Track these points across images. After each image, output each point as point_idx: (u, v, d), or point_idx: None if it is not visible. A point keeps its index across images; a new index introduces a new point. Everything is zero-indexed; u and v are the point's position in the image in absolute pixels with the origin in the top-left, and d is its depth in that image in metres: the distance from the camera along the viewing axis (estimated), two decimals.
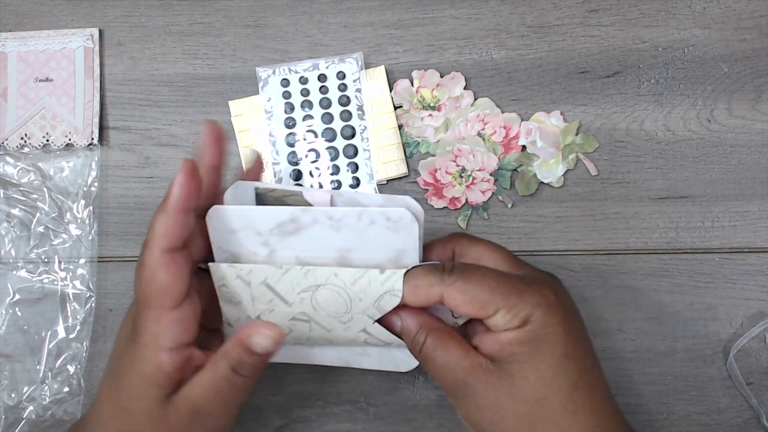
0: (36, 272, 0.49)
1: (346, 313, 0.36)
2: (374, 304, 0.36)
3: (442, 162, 0.48)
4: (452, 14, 0.50)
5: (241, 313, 0.38)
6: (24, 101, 0.50)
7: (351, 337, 0.38)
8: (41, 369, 0.48)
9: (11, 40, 0.50)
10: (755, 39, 0.49)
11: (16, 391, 0.48)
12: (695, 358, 0.47)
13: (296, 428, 0.48)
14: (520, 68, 0.49)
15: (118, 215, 0.49)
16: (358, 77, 0.49)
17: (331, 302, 0.36)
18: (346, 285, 0.36)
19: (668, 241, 0.48)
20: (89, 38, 0.50)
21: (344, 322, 0.37)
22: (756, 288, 0.47)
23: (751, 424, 0.47)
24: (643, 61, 0.49)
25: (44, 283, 0.49)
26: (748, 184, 0.48)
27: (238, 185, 0.38)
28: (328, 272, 0.36)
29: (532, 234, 0.48)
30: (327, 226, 0.35)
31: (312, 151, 0.48)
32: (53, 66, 0.50)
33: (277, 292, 0.37)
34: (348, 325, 0.37)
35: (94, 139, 0.49)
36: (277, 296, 0.37)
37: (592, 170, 0.48)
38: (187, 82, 0.50)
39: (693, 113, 0.48)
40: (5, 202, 0.50)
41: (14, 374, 0.48)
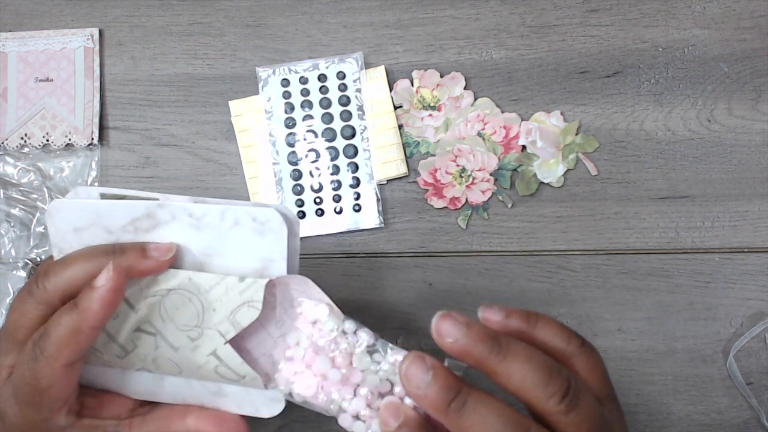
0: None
1: (197, 327, 0.32)
2: (229, 317, 0.32)
3: (442, 162, 0.48)
4: (452, 14, 0.50)
5: None
6: (24, 101, 0.50)
7: (200, 362, 0.33)
8: None
9: (11, 40, 0.50)
10: (755, 39, 0.49)
11: None
12: (695, 358, 0.47)
13: (296, 428, 0.48)
14: (520, 68, 0.49)
15: None
16: (358, 77, 0.49)
17: (182, 311, 0.32)
18: (201, 292, 0.32)
19: (668, 241, 0.48)
20: (89, 38, 0.50)
21: (193, 339, 0.33)
22: (756, 288, 0.47)
23: (751, 424, 0.47)
24: (643, 61, 0.49)
25: None
26: (748, 184, 0.48)
27: (79, 190, 0.34)
28: (182, 275, 0.32)
29: (532, 234, 0.48)
30: (187, 224, 0.32)
31: (312, 151, 0.48)
32: (53, 66, 0.50)
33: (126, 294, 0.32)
34: (197, 343, 0.33)
35: (94, 139, 0.49)
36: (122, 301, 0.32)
37: (592, 170, 0.48)
38: (187, 82, 0.50)
39: (693, 113, 0.48)
40: (5, 202, 0.50)
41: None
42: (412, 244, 0.48)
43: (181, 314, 0.32)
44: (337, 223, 0.48)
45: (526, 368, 0.28)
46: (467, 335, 0.28)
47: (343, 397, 0.32)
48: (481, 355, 0.28)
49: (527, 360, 0.28)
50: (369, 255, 0.49)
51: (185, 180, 0.49)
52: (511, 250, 0.48)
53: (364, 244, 0.49)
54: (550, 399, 0.27)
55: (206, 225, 0.32)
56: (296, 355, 0.33)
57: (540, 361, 0.28)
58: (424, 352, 0.28)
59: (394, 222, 0.49)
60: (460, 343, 0.28)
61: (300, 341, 0.34)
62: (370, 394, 0.32)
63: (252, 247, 0.32)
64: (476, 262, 0.48)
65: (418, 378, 0.28)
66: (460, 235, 0.48)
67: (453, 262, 0.48)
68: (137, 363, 0.34)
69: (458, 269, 0.48)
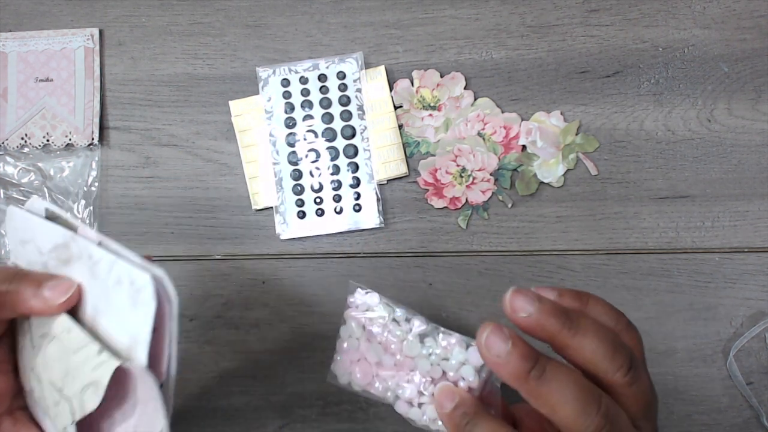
0: None
1: (59, 391, 0.28)
2: (80, 394, 0.27)
3: (442, 162, 0.48)
4: (452, 14, 0.50)
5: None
6: (24, 101, 0.50)
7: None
8: None
9: (11, 40, 0.50)
10: (755, 39, 0.49)
11: None
12: (695, 358, 0.47)
13: (296, 428, 0.48)
14: (520, 68, 0.49)
15: (118, 215, 0.49)
16: (358, 77, 0.49)
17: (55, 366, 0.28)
18: (69, 350, 0.27)
19: (668, 241, 0.48)
20: (89, 38, 0.50)
21: (56, 402, 0.28)
22: (756, 288, 0.47)
23: (751, 424, 0.47)
24: (643, 61, 0.49)
25: None
26: (748, 184, 0.48)
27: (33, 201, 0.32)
28: (65, 324, 0.28)
29: (532, 234, 0.48)
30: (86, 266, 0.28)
31: (312, 150, 0.48)
32: (53, 66, 0.50)
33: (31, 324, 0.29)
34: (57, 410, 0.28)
35: (95, 139, 0.49)
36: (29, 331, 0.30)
37: (592, 170, 0.48)
38: (187, 82, 0.50)
39: (693, 113, 0.48)
40: (5, 202, 0.50)
41: None
42: (412, 244, 0.48)
43: (53, 368, 0.28)
44: (337, 223, 0.48)
45: (595, 342, 0.29)
46: (540, 310, 0.28)
47: (397, 383, 0.33)
48: (553, 328, 0.28)
49: (596, 334, 0.29)
50: (369, 255, 0.49)
51: (185, 180, 0.49)
52: (511, 250, 0.48)
53: (364, 244, 0.49)
54: (617, 372, 0.29)
55: (97, 273, 0.28)
56: (351, 345, 0.34)
57: (607, 336, 0.29)
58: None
59: (394, 222, 0.49)
60: (534, 318, 0.28)
61: (352, 332, 0.34)
62: (423, 380, 0.32)
63: (125, 316, 0.27)
64: (476, 262, 0.48)
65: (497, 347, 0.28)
66: (460, 235, 0.48)
67: (453, 262, 0.48)
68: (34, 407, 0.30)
69: (458, 269, 0.48)
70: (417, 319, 0.33)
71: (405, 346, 0.33)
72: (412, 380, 0.33)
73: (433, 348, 0.32)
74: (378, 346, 0.33)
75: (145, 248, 0.49)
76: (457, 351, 0.32)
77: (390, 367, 0.33)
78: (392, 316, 0.33)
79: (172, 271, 0.49)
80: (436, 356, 0.32)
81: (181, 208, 0.49)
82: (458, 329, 0.34)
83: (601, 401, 0.28)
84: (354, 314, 0.34)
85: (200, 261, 0.49)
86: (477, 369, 0.31)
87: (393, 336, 0.33)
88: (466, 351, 0.32)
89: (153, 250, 0.49)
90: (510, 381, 0.29)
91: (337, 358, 0.34)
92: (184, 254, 0.49)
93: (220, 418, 0.48)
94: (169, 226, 0.49)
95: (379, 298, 0.34)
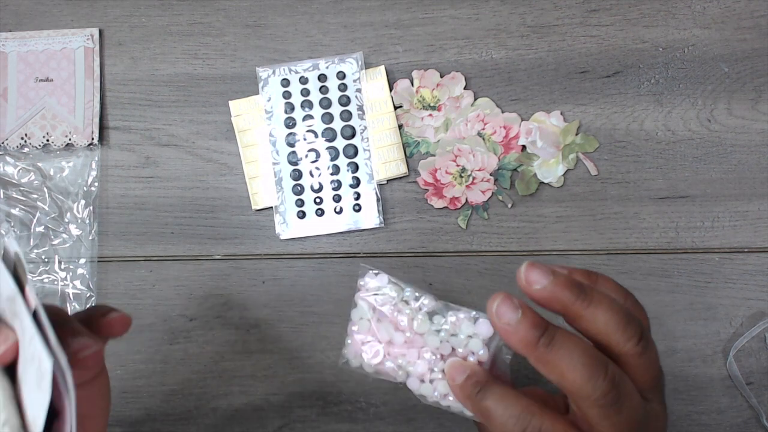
0: (36, 272, 0.49)
1: None
2: None
3: (442, 162, 0.48)
4: (452, 14, 0.50)
5: None
6: (24, 101, 0.50)
7: None
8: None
9: (11, 40, 0.50)
10: (755, 39, 0.49)
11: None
12: (695, 358, 0.47)
13: (296, 428, 0.48)
14: (520, 68, 0.49)
15: (118, 215, 0.49)
16: (358, 77, 0.49)
17: None
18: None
19: (668, 241, 0.48)
20: (89, 38, 0.50)
21: None
22: (756, 288, 0.47)
23: (751, 424, 0.47)
24: (643, 61, 0.49)
25: (44, 283, 0.49)
26: (748, 184, 0.48)
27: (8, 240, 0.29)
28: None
29: (532, 234, 0.48)
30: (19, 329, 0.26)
31: (312, 151, 0.48)
32: (53, 66, 0.50)
33: None
34: None
35: (94, 139, 0.49)
36: None
37: (592, 170, 0.48)
38: (187, 82, 0.50)
39: (693, 113, 0.48)
40: (5, 202, 0.50)
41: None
42: (412, 244, 0.48)
43: None
44: (337, 223, 0.48)
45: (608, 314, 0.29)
46: (554, 282, 0.29)
47: (408, 361, 0.33)
48: (568, 300, 0.29)
49: (609, 306, 0.30)
50: (369, 255, 0.49)
51: (185, 180, 0.49)
52: (511, 250, 0.48)
53: (364, 244, 0.49)
54: (628, 342, 0.29)
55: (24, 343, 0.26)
56: (361, 327, 0.34)
57: (619, 308, 0.30)
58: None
59: (394, 222, 0.49)
60: (548, 290, 0.29)
61: (363, 315, 0.35)
62: (433, 357, 0.33)
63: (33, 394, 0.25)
64: (476, 262, 0.48)
65: (508, 315, 0.29)
66: (460, 235, 0.48)
67: (453, 262, 0.48)
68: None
69: (458, 269, 0.48)
70: (426, 297, 0.34)
71: (415, 324, 0.33)
72: (422, 357, 0.33)
73: (443, 324, 0.33)
74: (389, 325, 0.34)
75: (145, 248, 0.49)
76: (465, 325, 0.32)
77: (400, 345, 0.33)
78: (401, 295, 0.34)
79: (172, 271, 0.49)
80: (446, 332, 0.33)
81: (181, 208, 0.49)
82: None
83: (608, 367, 0.29)
84: (364, 296, 0.35)
85: (200, 261, 0.49)
86: (485, 342, 0.32)
87: (403, 315, 0.34)
88: (474, 324, 0.32)
89: (153, 250, 0.49)
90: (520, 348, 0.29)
91: (347, 342, 0.35)
92: (184, 254, 0.49)
93: (220, 418, 0.48)
94: (169, 226, 0.49)
95: (388, 278, 0.34)
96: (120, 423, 0.49)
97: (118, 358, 0.49)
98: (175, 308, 0.49)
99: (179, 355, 0.49)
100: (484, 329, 0.32)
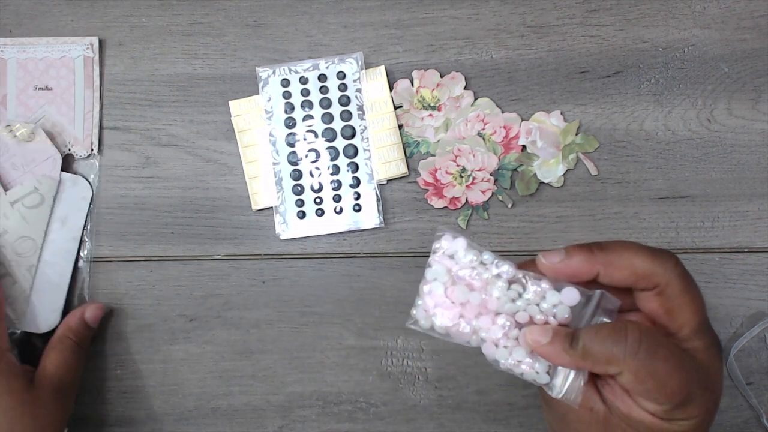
0: None
1: None
2: None
3: (442, 162, 0.48)
4: (452, 14, 0.50)
5: None
6: (24, 109, 0.49)
7: None
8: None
9: (10, 46, 0.50)
10: (755, 39, 0.49)
11: None
12: None
13: (296, 428, 0.48)
14: (520, 68, 0.49)
15: (118, 215, 0.49)
16: (358, 77, 0.49)
17: None
18: None
19: (668, 241, 0.48)
20: (89, 47, 0.50)
21: None
22: (756, 288, 0.47)
23: (751, 424, 0.47)
24: (643, 61, 0.49)
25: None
26: (748, 184, 0.48)
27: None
28: None
29: (532, 234, 0.48)
30: None
31: (312, 151, 0.48)
32: (53, 74, 0.50)
33: None
34: None
35: (94, 150, 0.49)
36: None
37: (592, 170, 0.48)
38: (187, 82, 0.50)
39: (693, 113, 0.48)
40: None
41: None
42: (412, 244, 0.48)
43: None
44: (337, 223, 0.48)
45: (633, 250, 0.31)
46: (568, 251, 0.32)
47: (481, 326, 0.33)
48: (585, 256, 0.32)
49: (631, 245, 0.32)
50: (369, 255, 0.49)
51: (185, 180, 0.49)
52: (511, 250, 0.48)
53: (364, 244, 0.49)
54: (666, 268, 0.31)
55: None
56: (435, 289, 0.34)
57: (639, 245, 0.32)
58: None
59: (394, 222, 0.49)
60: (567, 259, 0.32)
61: (438, 276, 0.34)
62: (509, 323, 0.33)
63: None
64: None
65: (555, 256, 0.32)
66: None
67: None
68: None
69: None
70: (505, 264, 0.33)
71: (493, 289, 0.33)
72: (496, 323, 0.33)
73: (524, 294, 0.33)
74: (464, 287, 0.33)
75: (145, 248, 0.49)
76: (550, 294, 0.32)
77: (475, 308, 0.33)
78: (480, 259, 0.33)
79: (172, 271, 0.49)
80: (525, 301, 0.33)
81: (181, 208, 0.49)
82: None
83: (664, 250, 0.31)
84: (440, 258, 0.34)
85: (200, 261, 0.49)
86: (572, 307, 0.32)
87: (480, 280, 0.33)
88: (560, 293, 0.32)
89: (153, 250, 0.49)
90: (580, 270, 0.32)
91: (418, 303, 0.34)
92: (184, 254, 0.49)
93: (220, 418, 0.48)
94: (169, 226, 0.49)
95: (467, 242, 0.34)
96: (120, 423, 0.49)
97: (118, 358, 0.49)
98: (175, 308, 0.49)
99: (179, 355, 0.49)
100: (569, 296, 0.32)
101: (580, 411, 0.32)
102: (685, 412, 0.30)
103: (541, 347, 0.31)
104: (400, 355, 0.48)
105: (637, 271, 0.31)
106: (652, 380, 0.29)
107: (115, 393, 0.49)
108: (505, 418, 0.48)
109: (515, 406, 0.48)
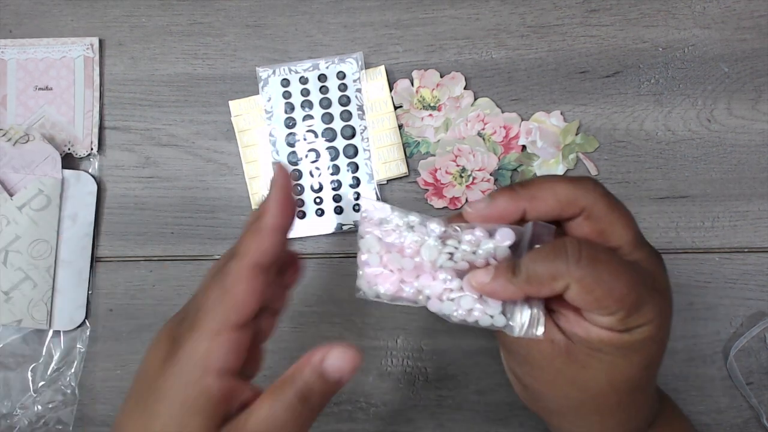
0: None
1: None
2: None
3: (442, 162, 0.48)
4: (452, 14, 0.50)
5: None
6: (23, 109, 0.49)
7: None
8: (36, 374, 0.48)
9: (10, 47, 0.50)
10: (755, 39, 0.49)
11: (9, 398, 0.48)
12: (695, 358, 0.47)
13: None
14: (520, 68, 0.49)
15: (118, 215, 0.49)
16: (358, 77, 0.49)
17: None
18: None
19: (668, 241, 0.48)
20: (89, 48, 0.50)
21: None
22: (756, 288, 0.47)
23: (751, 424, 0.47)
24: (643, 61, 0.49)
25: None
26: (748, 184, 0.48)
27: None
28: None
29: None
30: None
31: (312, 151, 0.48)
32: (53, 75, 0.50)
33: None
34: None
35: (94, 149, 0.49)
36: None
37: (592, 170, 0.48)
38: (187, 82, 0.50)
39: (693, 113, 0.48)
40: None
41: (8, 381, 0.48)
42: None
43: None
44: (337, 223, 0.48)
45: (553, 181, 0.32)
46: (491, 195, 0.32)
47: (423, 284, 0.33)
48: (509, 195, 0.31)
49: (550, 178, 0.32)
50: None
51: (185, 180, 0.49)
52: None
53: None
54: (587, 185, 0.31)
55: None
56: (371, 259, 0.34)
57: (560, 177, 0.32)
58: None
59: None
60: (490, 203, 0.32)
61: (371, 246, 0.34)
62: (449, 276, 0.32)
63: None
64: None
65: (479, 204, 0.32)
66: None
67: None
68: None
69: None
70: (434, 221, 0.33)
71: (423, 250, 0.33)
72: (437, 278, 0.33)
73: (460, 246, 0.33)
74: (397, 255, 0.33)
75: (145, 248, 0.49)
76: (484, 241, 0.32)
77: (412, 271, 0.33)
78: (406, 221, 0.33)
79: (172, 271, 0.49)
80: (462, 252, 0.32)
81: (181, 208, 0.49)
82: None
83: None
84: (368, 228, 0.34)
85: (200, 261, 0.49)
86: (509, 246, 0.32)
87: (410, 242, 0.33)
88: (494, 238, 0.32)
89: (153, 250, 0.49)
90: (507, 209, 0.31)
91: (359, 273, 0.34)
92: (184, 254, 0.49)
93: None
94: (169, 226, 0.49)
95: (391, 208, 0.34)
96: None
97: (118, 358, 0.49)
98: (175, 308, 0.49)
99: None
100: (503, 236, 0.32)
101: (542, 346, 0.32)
102: (640, 317, 0.30)
103: (486, 286, 0.31)
104: (400, 355, 0.48)
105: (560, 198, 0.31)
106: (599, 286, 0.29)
107: (115, 393, 0.49)
108: (505, 418, 0.48)
109: (515, 406, 0.48)
